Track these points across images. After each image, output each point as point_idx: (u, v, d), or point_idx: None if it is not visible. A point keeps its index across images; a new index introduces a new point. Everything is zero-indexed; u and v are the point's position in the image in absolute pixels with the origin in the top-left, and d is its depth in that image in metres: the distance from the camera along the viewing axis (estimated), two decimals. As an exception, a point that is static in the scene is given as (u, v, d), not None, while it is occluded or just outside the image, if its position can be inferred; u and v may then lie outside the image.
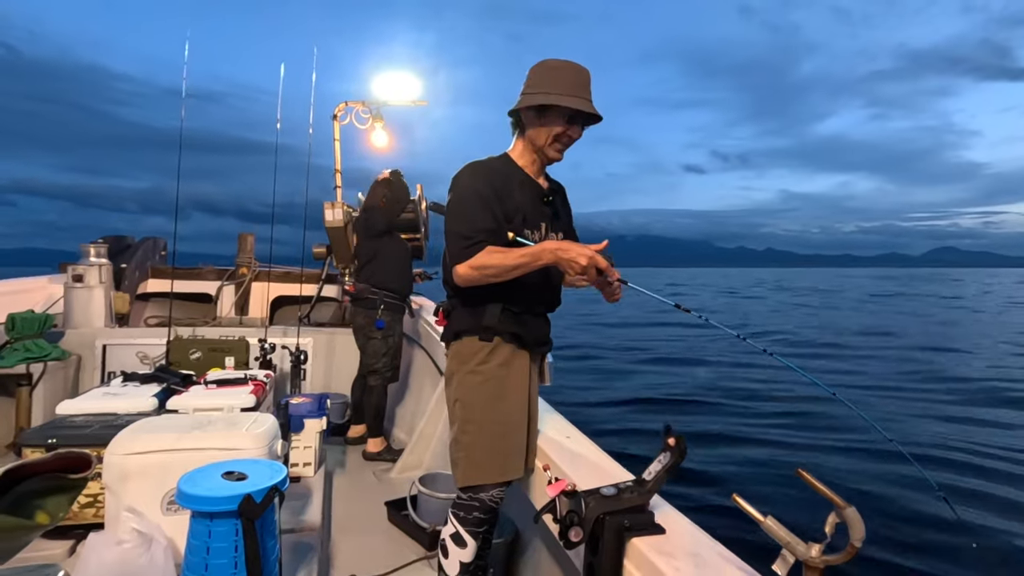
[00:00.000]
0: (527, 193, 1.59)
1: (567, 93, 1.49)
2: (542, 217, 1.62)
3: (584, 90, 1.52)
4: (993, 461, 5.54)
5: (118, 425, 1.87)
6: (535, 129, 1.56)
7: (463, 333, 1.58)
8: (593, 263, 1.38)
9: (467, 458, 1.54)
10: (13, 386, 3.04)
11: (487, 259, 1.45)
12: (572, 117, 1.53)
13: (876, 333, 16.57)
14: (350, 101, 5.21)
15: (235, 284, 4.85)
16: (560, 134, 1.54)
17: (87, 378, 3.53)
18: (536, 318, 1.64)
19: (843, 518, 0.92)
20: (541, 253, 1.44)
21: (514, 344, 1.57)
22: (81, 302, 3.72)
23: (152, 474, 1.64)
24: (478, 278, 1.47)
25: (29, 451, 1.93)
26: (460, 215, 1.51)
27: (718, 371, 10.38)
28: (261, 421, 1.91)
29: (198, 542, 1.33)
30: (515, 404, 1.56)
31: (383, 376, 3.36)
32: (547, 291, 1.65)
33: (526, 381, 1.60)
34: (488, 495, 1.54)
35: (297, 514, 2.17)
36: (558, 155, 1.59)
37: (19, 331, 3.13)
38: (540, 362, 1.72)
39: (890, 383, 9.41)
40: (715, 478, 5.04)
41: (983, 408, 7.77)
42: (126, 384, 2.58)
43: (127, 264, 4.63)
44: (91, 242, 3.88)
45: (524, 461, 1.59)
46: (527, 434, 1.60)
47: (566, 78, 1.51)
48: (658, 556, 1.09)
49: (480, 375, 1.54)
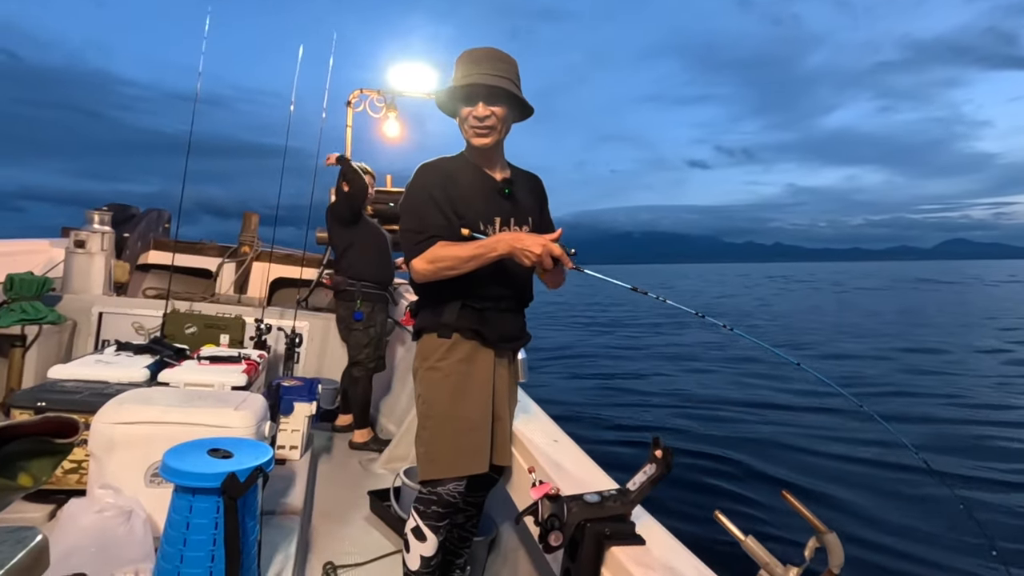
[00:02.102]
0: (478, 187, 1.57)
1: (459, 79, 1.49)
2: (498, 211, 1.58)
3: (475, 66, 1.49)
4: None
5: (108, 393, 1.87)
6: (457, 121, 1.56)
7: (424, 331, 1.60)
8: (547, 251, 1.38)
9: (426, 453, 1.55)
10: (7, 346, 3.05)
11: (440, 252, 1.45)
12: (467, 97, 1.50)
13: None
14: (365, 89, 5.21)
15: (236, 262, 4.85)
16: (466, 115, 1.51)
17: (81, 344, 3.53)
18: (503, 314, 1.60)
19: (823, 543, 0.92)
20: (496, 244, 1.43)
21: (476, 340, 1.56)
22: (81, 268, 3.73)
23: (138, 445, 1.65)
24: (433, 272, 1.46)
25: (18, 412, 1.93)
26: (411, 213, 1.52)
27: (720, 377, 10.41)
28: (251, 401, 1.91)
29: (179, 517, 1.33)
30: (476, 401, 1.55)
31: (366, 367, 3.34)
32: (512, 286, 1.60)
33: (489, 378, 1.58)
34: (445, 489, 1.53)
35: (280, 496, 2.17)
36: (480, 139, 1.53)
37: (17, 292, 3.13)
38: (511, 358, 1.69)
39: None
40: (701, 488, 5.06)
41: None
42: (119, 353, 2.58)
43: (130, 233, 4.63)
44: (95, 209, 3.89)
45: (487, 457, 1.57)
46: (491, 431, 1.58)
47: (460, 66, 1.52)
48: (636, 566, 1.09)
49: (439, 371, 1.54)
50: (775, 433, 6.55)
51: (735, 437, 6.41)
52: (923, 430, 6.66)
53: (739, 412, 7.56)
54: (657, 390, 9.11)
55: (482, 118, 1.50)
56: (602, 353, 12.94)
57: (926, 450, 5.91)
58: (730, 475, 5.41)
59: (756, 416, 7.36)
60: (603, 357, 12.44)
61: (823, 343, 14.35)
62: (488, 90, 1.48)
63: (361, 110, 5.19)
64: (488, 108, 1.49)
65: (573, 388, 9.23)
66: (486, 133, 1.53)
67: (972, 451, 5.91)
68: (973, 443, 6.19)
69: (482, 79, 1.47)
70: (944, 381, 9.41)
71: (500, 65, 1.51)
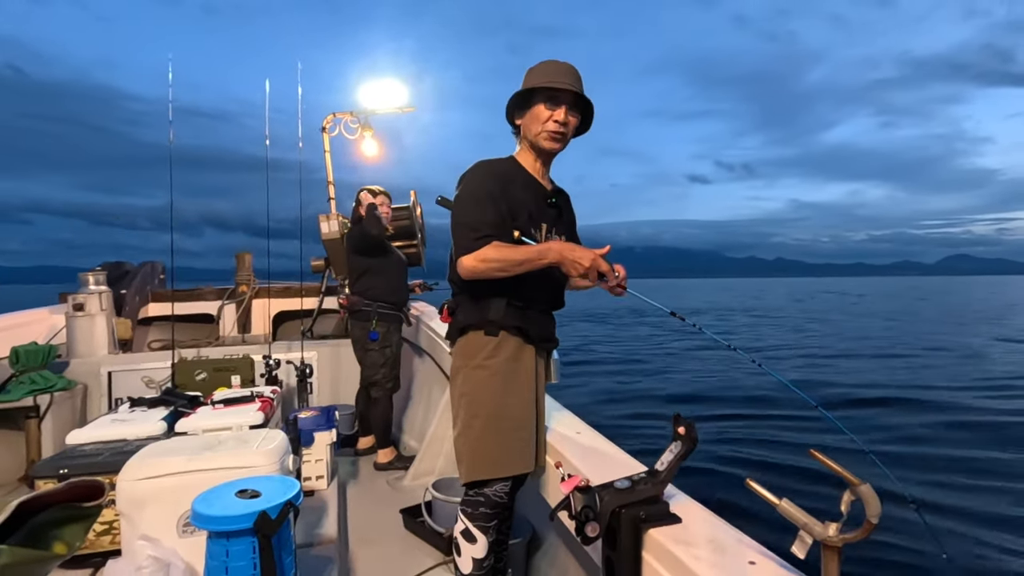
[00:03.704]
0: (531, 193, 1.61)
1: (545, 79, 1.54)
2: (545, 218, 1.64)
3: (564, 76, 1.55)
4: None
5: (128, 451, 1.87)
6: (525, 122, 1.60)
7: (468, 328, 1.59)
8: (595, 266, 1.42)
9: (473, 452, 1.55)
10: (21, 419, 3.04)
11: (494, 252, 1.46)
12: (553, 99, 1.54)
13: None
14: (338, 112, 5.21)
15: (236, 303, 4.85)
16: (547, 119, 1.55)
17: (94, 406, 3.53)
18: (541, 315, 1.65)
19: (858, 495, 0.91)
20: (547, 252, 1.46)
21: (520, 339, 1.58)
22: (83, 331, 3.72)
23: (166, 498, 1.64)
24: (483, 271, 1.48)
25: (42, 483, 1.93)
26: (469, 209, 1.53)
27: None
28: (271, 437, 1.91)
29: (216, 563, 1.33)
30: (523, 399, 1.57)
31: (384, 387, 3.35)
32: (551, 289, 1.66)
33: (533, 376, 1.60)
34: (492, 490, 1.55)
35: (313, 528, 2.17)
36: (553, 143, 1.59)
37: (24, 364, 3.13)
38: (546, 359, 1.72)
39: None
40: (728, 461, 5.04)
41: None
42: (134, 409, 2.58)
43: (127, 290, 4.63)
44: (89, 270, 3.89)
45: (533, 456, 1.59)
46: (535, 430, 1.60)
47: (544, 69, 1.57)
48: (676, 545, 1.09)
49: (487, 369, 1.54)
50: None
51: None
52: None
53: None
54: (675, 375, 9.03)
55: (563, 123, 1.55)
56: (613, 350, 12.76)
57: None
58: (756, 441, 5.41)
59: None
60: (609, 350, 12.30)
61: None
62: (575, 98, 1.56)
63: (336, 134, 5.19)
64: (571, 115, 1.56)
65: (588, 386, 9.21)
66: (560, 138, 1.58)
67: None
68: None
69: (567, 86, 1.53)
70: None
71: (580, 84, 1.57)
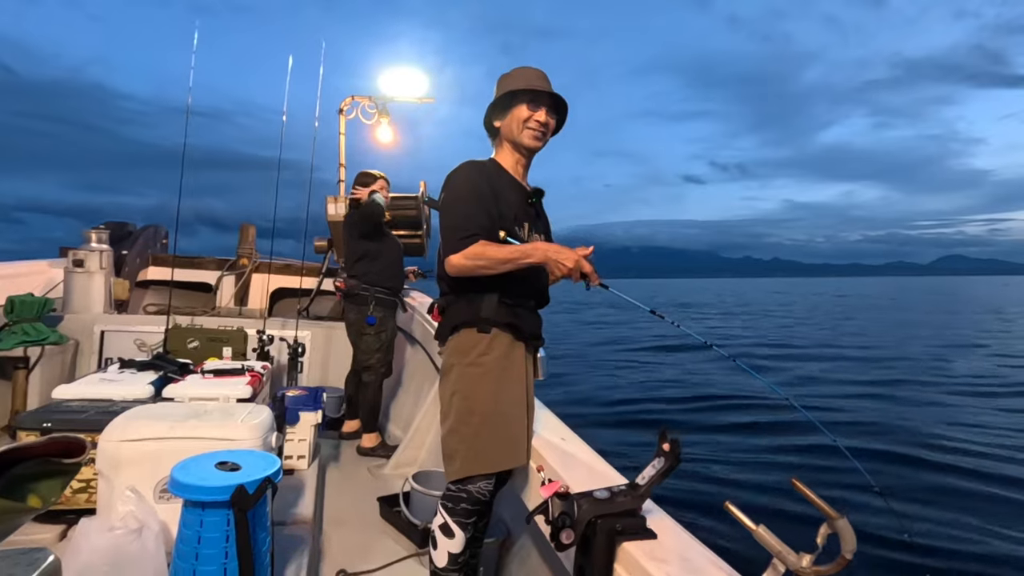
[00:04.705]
0: (514, 194, 1.65)
1: (526, 83, 1.63)
2: (527, 217, 1.69)
3: (542, 81, 1.65)
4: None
5: (113, 411, 1.87)
6: (505, 123, 1.66)
7: (461, 326, 1.60)
8: (579, 267, 1.48)
9: (468, 449, 1.56)
10: (10, 369, 3.04)
11: (481, 250, 1.49)
12: (535, 101, 1.62)
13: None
14: (356, 96, 5.21)
15: (235, 275, 4.85)
16: (527, 118, 1.62)
17: (84, 363, 3.53)
18: (530, 312, 1.68)
19: (835, 529, 0.92)
20: (533, 251, 1.51)
21: (511, 336, 1.59)
22: (81, 287, 3.73)
23: (146, 462, 1.65)
24: (470, 268, 1.51)
25: (24, 434, 1.93)
26: (457, 209, 1.56)
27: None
28: (257, 412, 1.91)
29: (190, 531, 1.33)
30: (515, 395, 1.59)
31: (377, 372, 3.36)
32: (538, 287, 1.70)
33: (524, 373, 1.62)
34: (476, 487, 1.56)
35: (290, 507, 2.17)
36: (534, 141, 1.65)
37: (18, 314, 3.13)
38: (534, 356, 1.74)
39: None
40: (710, 479, 5.05)
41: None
42: (123, 371, 2.58)
43: (128, 251, 4.63)
44: (92, 227, 3.89)
45: (524, 452, 1.61)
46: (526, 425, 1.63)
47: (522, 75, 1.66)
48: (649, 561, 1.09)
49: (481, 367, 1.56)
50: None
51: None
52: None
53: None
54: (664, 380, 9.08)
55: (544, 123, 1.64)
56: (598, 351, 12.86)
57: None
58: (739, 463, 5.42)
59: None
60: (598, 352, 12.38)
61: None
62: (555, 101, 1.66)
63: (353, 117, 5.19)
64: (550, 117, 1.65)
65: (577, 386, 9.22)
66: (541, 136, 1.66)
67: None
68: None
69: (548, 88, 1.64)
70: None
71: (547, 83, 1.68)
